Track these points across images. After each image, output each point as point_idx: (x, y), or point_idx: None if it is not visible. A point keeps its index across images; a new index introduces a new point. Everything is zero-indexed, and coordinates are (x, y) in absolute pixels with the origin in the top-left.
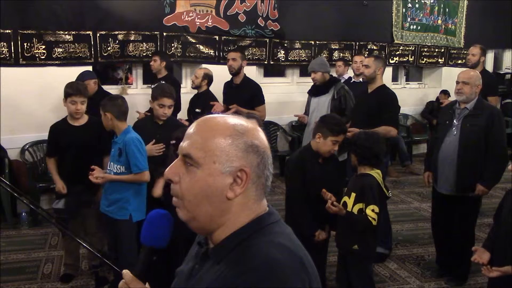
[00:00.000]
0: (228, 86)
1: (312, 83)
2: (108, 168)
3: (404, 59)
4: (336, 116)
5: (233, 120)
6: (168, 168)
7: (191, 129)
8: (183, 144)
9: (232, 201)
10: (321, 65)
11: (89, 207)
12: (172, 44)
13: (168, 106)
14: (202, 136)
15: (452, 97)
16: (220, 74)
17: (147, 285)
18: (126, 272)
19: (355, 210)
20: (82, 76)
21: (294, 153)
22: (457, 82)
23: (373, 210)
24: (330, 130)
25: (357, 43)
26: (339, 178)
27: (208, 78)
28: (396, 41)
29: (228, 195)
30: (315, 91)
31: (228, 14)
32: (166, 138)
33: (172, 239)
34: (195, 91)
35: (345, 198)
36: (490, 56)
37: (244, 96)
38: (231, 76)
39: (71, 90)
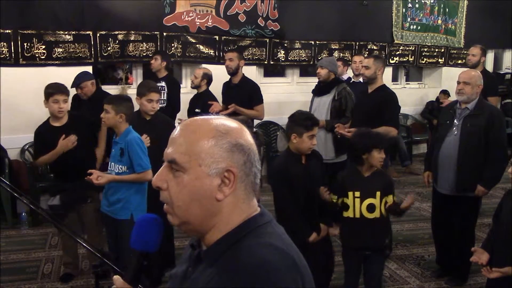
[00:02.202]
0: (226, 86)
1: (315, 84)
2: (109, 168)
3: (404, 59)
4: (303, 111)
5: (215, 121)
6: (155, 176)
7: (174, 134)
8: (168, 150)
9: (222, 202)
10: (330, 63)
11: (85, 203)
12: (172, 44)
13: (155, 100)
14: (185, 140)
15: (452, 97)
16: (220, 74)
17: None
18: (116, 277)
19: (382, 207)
20: (79, 78)
21: (275, 161)
22: (458, 82)
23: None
24: (303, 127)
25: (357, 43)
26: (323, 174)
27: (208, 78)
28: (396, 41)
29: (217, 196)
30: (317, 91)
31: (228, 14)
32: (154, 132)
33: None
34: (195, 91)
35: (371, 200)
36: (490, 56)
37: (243, 96)
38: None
39: (52, 89)
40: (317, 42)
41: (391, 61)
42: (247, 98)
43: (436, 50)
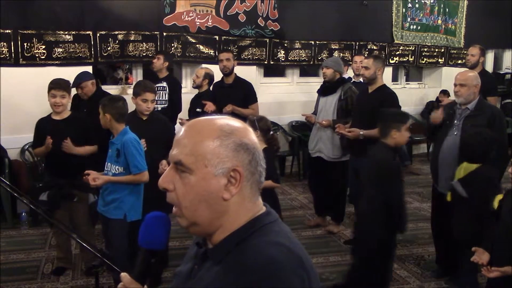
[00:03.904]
0: (219, 86)
1: (315, 84)
2: (106, 168)
3: (404, 59)
4: (391, 109)
5: (219, 121)
6: (161, 177)
7: (179, 135)
8: (173, 151)
9: (229, 202)
10: (335, 63)
11: (71, 201)
12: (172, 44)
13: (150, 100)
14: (190, 141)
15: (452, 97)
16: (220, 74)
17: (145, 287)
18: (124, 274)
19: None
20: (80, 78)
21: (379, 157)
22: (455, 85)
23: None
24: (401, 121)
25: (357, 43)
26: None
27: (209, 77)
28: (396, 41)
29: (224, 196)
30: (323, 91)
31: (228, 14)
32: (151, 132)
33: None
34: (196, 91)
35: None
36: (490, 56)
37: (238, 95)
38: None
39: (52, 84)
40: (317, 42)
41: (391, 61)
42: (242, 98)
43: (436, 50)
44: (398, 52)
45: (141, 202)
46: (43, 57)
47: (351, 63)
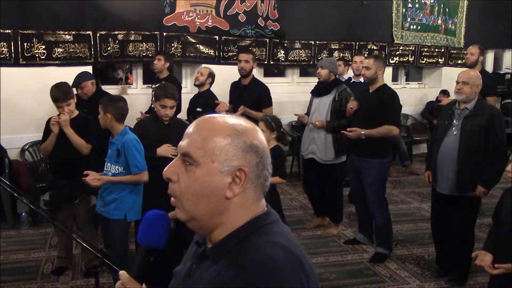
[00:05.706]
0: (235, 86)
1: (315, 84)
2: (106, 169)
3: (404, 59)
4: None
5: (232, 119)
6: (167, 167)
7: (190, 128)
8: (182, 143)
9: (231, 201)
10: (331, 64)
11: (72, 202)
12: (172, 44)
13: (170, 107)
14: (201, 135)
15: (452, 97)
16: (220, 74)
17: (144, 285)
18: (123, 273)
19: None
20: (80, 78)
21: None
22: (457, 82)
23: None
24: None
25: (357, 43)
26: None
27: (212, 77)
28: (396, 41)
29: (226, 194)
30: (317, 92)
31: (228, 14)
32: (172, 137)
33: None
34: (196, 92)
35: None
36: (490, 56)
37: (252, 97)
38: (232, 76)
39: (52, 94)
40: (317, 42)
41: (391, 61)
42: (256, 100)
43: (436, 50)
44: (398, 52)
45: (140, 201)
46: (43, 57)
47: (351, 63)
